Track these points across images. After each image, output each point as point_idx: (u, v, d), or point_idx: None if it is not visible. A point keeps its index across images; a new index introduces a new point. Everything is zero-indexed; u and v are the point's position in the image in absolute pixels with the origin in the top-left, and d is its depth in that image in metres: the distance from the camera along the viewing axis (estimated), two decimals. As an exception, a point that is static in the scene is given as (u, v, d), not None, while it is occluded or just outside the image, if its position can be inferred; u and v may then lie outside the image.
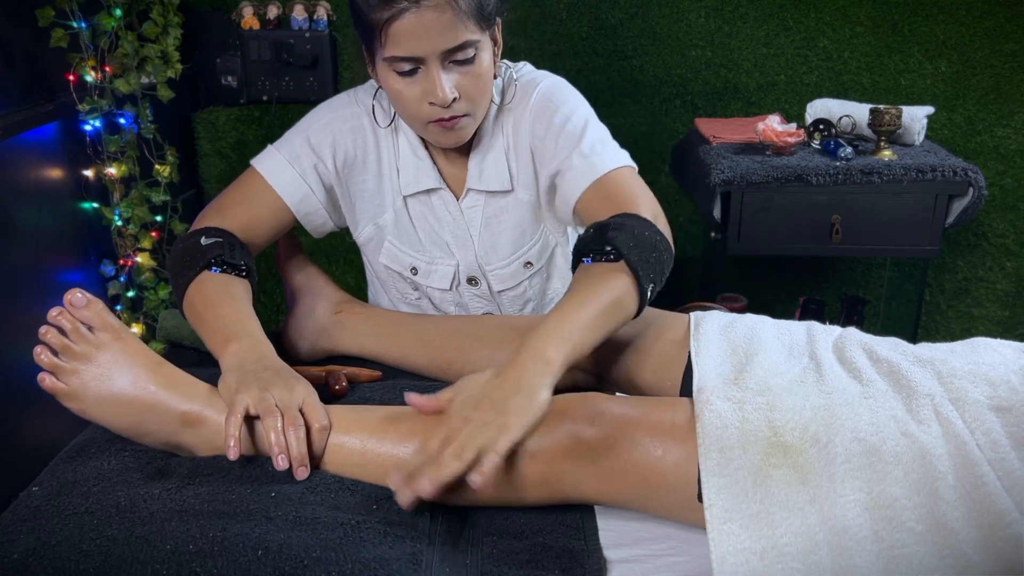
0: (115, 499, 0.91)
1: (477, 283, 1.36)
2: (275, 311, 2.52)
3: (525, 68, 1.33)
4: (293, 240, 1.39)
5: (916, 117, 2.00)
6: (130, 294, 1.90)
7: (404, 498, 0.90)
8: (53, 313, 0.98)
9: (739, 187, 1.88)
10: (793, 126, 1.99)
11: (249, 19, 2.23)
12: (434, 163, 1.30)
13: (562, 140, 1.21)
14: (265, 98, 2.30)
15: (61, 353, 0.97)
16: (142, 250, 1.90)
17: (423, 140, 1.28)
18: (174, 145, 1.99)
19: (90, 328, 0.99)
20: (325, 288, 1.35)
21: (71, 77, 1.73)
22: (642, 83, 2.30)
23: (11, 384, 1.56)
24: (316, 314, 1.33)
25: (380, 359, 1.30)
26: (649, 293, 1.04)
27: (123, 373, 0.97)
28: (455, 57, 1.13)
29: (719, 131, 2.13)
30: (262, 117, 2.34)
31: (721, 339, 1.10)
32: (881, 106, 1.94)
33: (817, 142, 2.03)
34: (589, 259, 1.04)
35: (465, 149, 1.28)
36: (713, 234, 2.03)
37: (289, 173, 1.25)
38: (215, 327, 1.07)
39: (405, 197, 1.32)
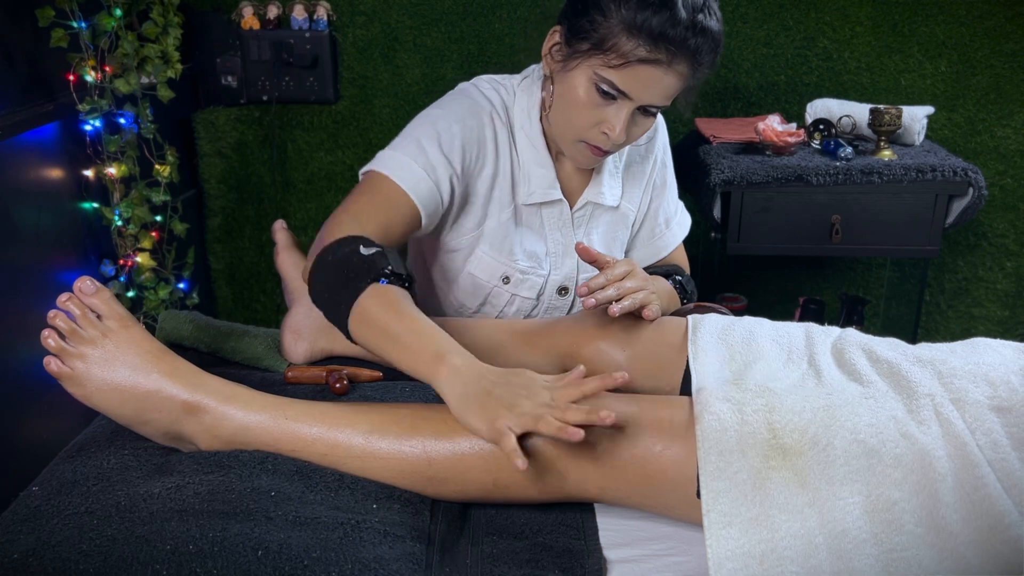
0: (115, 499, 0.91)
1: (566, 292, 1.37)
2: (275, 311, 2.52)
3: None
4: (292, 239, 1.39)
5: (916, 117, 2.00)
6: (130, 294, 1.90)
7: (588, 303, 1.13)
8: (62, 298, 0.99)
9: (739, 187, 1.88)
10: (793, 126, 1.99)
11: (249, 19, 2.23)
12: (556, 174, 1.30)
13: (670, 190, 1.43)
14: (265, 98, 2.30)
15: (68, 337, 0.98)
16: (142, 250, 1.90)
17: (549, 150, 1.28)
18: (174, 145, 1.99)
19: (98, 315, 1.00)
20: (324, 288, 1.35)
21: (71, 77, 1.73)
22: (642, 83, 2.30)
23: (11, 384, 1.56)
24: (314, 315, 1.33)
25: (379, 360, 1.30)
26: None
27: (128, 360, 0.98)
28: (648, 109, 1.16)
29: (719, 131, 2.13)
30: (262, 117, 2.34)
31: (719, 343, 1.11)
32: (881, 106, 1.94)
33: (817, 142, 2.03)
34: (670, 281, 1.34)
35: None
36: (713, 234, 2.03)
37: (426, 184, 1.18)
38: (412, 344, 0.99)
39: (521, 206, 1.30)
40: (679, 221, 1.46)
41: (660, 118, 1.39)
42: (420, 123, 1.23)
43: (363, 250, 1.06)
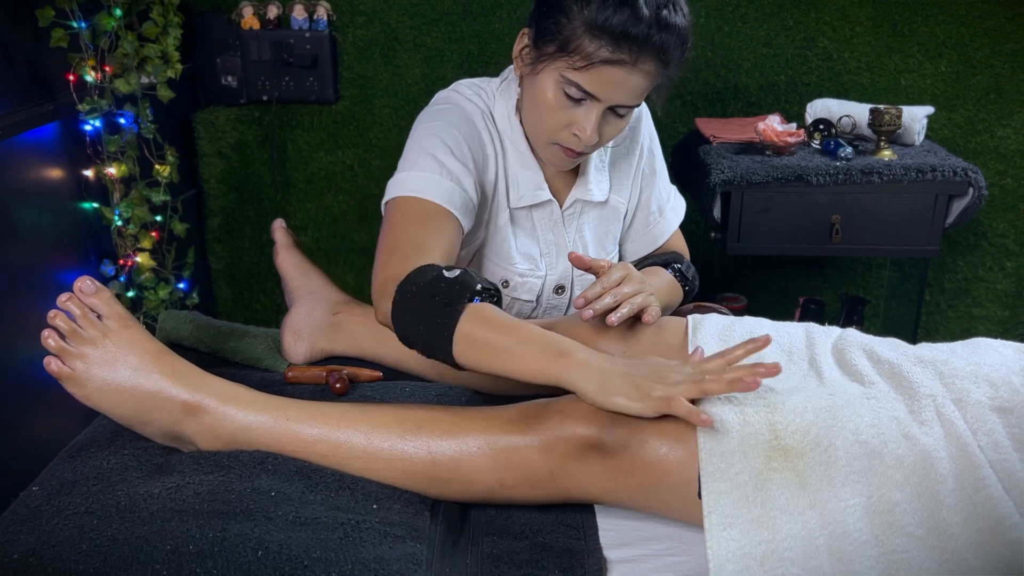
0: (115, 499, 0.91)
1: (563, 291, 1.37)
2: (275, 311, 2.52)
3: None
4: (292, 238, 1.39)
5: (916, 117, 2.00)
6: (130, 294, 1.90)
7: (586, 314, 1.11)
8: (63, 298, 0.99)
9: (739, 187, 1.88)
10: (793, 126, 1.98)
11: (249, 19, 2.23)
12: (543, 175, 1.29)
13: (660, 177, 1.41)
14: (265, 98, 2.30)
15: (69, 338, 0.98)
16: (142, 250, 1.90)
17: (532, 152, 1.27)
18: (174, 145, 1.99)
19: (98, 316, 1.00)
20: (324, 289, 1.35)
21: (71, 77, 1.73)
22: (642, 83, 2.30)
23: (11, 384, 1.56)
24: (314, 315, 1.33)
25: (378, 360, 1.30)
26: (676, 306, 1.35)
27: (128, 360, 0.98)
28: (618, 110, 1.15)
29: (719, 131, 2.13)
30: (262, 117, 2.34)
31: (719, 344, 1.10)
32: (881, 106, 1.94)
33: (817, 142, 2.03)
34: (669, 271, 1.32)
35: None
36: (713, 234, 2.03)
37: (459, 193, 1.16)
38: (528, 352, 0.97)
39: (513, 209, 1.29)
40: (672, 207, 1.44)
41: (644, 106, 1.37)
42: (423, 138, 1.20)
43: (447, 274, 1.02)
